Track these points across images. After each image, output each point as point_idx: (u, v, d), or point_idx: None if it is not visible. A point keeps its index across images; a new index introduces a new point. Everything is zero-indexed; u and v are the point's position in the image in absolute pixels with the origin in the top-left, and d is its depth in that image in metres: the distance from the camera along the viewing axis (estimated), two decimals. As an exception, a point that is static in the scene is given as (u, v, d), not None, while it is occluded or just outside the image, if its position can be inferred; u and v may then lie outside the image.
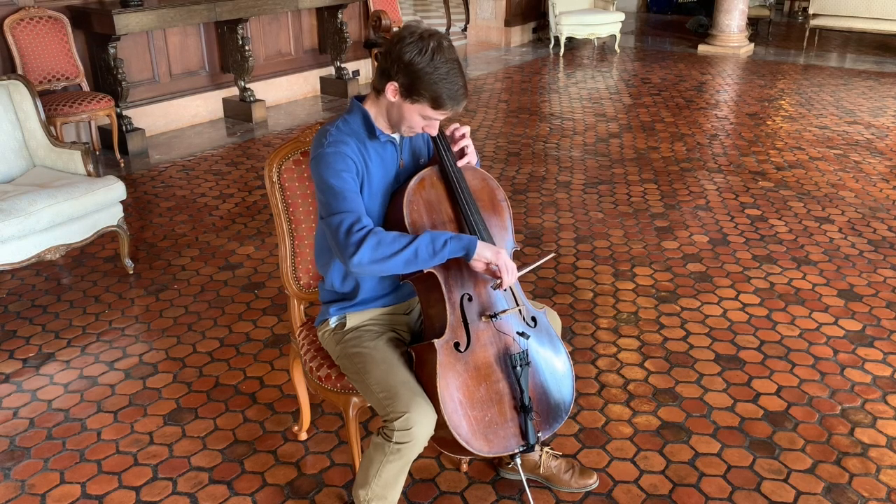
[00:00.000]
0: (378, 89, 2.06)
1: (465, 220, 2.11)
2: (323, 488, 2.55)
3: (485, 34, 10.44)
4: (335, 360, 2.28)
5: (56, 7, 5.61)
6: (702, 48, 9.86)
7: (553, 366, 2.21)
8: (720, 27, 9.83)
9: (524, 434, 2.09)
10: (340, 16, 7.41)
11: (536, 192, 5.10)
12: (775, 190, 5.12)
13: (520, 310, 2.18)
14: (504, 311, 2.13)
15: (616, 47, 9.86)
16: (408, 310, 2.32)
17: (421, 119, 2.03)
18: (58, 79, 5.54)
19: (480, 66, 9.10)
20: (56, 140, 4.09)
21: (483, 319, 2.10)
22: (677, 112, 7.03)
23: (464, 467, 2.61)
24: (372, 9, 7.78)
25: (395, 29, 2.08)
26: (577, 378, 3.07)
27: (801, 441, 2.76)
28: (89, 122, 5.83)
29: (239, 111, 6.83)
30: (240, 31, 6.50)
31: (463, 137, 2.21)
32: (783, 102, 7.42)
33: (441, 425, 2.02)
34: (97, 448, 2.74)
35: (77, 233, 3.75)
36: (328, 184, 2.02)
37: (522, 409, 2.08)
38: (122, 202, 3.94)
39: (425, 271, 2.05)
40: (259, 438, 2.79)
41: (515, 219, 4.60)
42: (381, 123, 2.12)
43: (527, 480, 2.32)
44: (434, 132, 2.10)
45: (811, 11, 10.12)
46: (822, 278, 3.94)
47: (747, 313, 3.61)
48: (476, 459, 2.61)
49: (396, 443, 2.00)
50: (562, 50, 9.70)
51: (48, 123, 4.38)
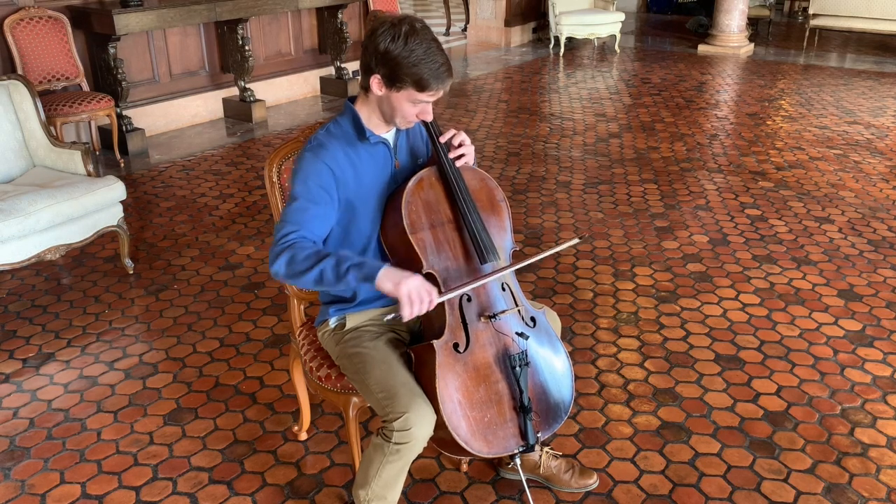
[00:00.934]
0: (365, 87, 2.06)
1: (464, 221, 2.11)
2: (323, 488, 2.55)
3: (485, 34, 10.44)
4: (335, 361, 2.29)
5: (56, 7, 5.61)
6: (702, 48, 9.85)
7: (552, 366, 2.21)
8: (720, 27, 9.82)
9: (524, 434, 2.09)
10: (340, 16, 7.41)
11: (536, 192, 5.10)
12: (775, 190, 5.13)
13: (519, 310, 2.18)
14: (503, 312, 2.12)
15: (616, 47, 9.86)
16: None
17: (411, 105, 2.02)
18: (58, 79, 5.54)
19: (480, 66, 9.09)
20: (56, 140, 4.09)
21: (482, 320, 2.10)
22: (677, 112, 7.03)
23: (464, 467, 2.61)
24: (372, 8, 7.78)
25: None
26: (577, 378, 3.07)
27: (801, 441, 2.77)
28: (89, 122, 5.83)
29: (239, 111, 6.83)
30: (240, 31, 6.50)
31: (462, 145, 2.20)
32: (783, 102, 7.42)
33: (440, 426, 2.02)
34: (97, 448, 2.74)
35: (77, 233, 3.75)
36: (293, 188, 2.06)
37: (522, 410, 2.08)
38: (122, 202, 3.94)
39: (423, 272, 2.04)
40: (259, 438, 2.79)
41: (515, 219, 4.61)
42: (375, 122, 2.12)
43: (527, 480, 2.32)
44: (429, 118, 2.09)
45: (811, 11, 10.12)
46: (822, 278, 3.94)
47: (747, 313, 3.61)
48: (476, 460, 2.61)
49: (396, 443, 2.00)
50: (562, 50, 9.70)
51: (48, 123, 4.38)
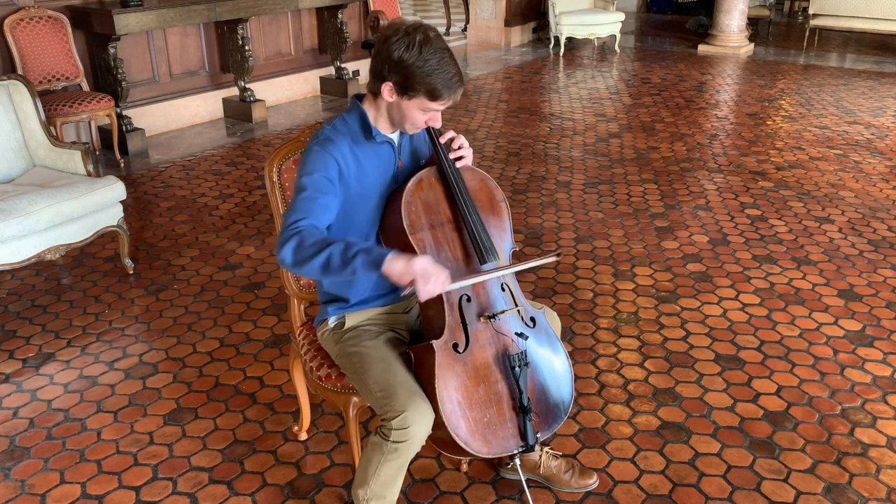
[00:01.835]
0: (374, 92, 2.06)
1: (464, 221, 2.11)
2: (323, 488, 2.55)
3: (485, 34, 10.43)
4: (334, 360, 2.29)
5: (56, 7, 5.61)
6: (702, 48, 9.85)
7: (552, 366, 2.21)
8: (720, 27, 9.82)
9: (523, 435, 2.09)
10: (340, 16, 7.41)
11: (536, 192, 5.10)
12: (775, 190, 5.12)
13: (518, 310, 2.18)
14: (503, 312, 2.12)
15: (616, 47, 9.86)
16: (406, 308, 2.32)
17: (421, 113, 2.03)
18: (58, 79, 5.54)
19: (480, 66, 9.09)
20: (56, 140, 4.09)
21: (482, 320, 2.10)
22: (677, 112, 7.03)
23: (464, 467, 2.61)
24: (372, 9, 7.78)
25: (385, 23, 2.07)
26: (577, 378, 3.07)
27: (801, 441, 2.76)
28: (89, 122, 5.83)
29: (239, 111, 6.83)
30: (240, 31, 6.50)
31: (461, 148, 2.20)
32: (783, 102, 7.42)
33: (440, 426, 2.02)
34: (97, 448, 2.74)
35: (77, 233, 3.75)
36: (299, 179, 2.05)
37: (521, 410, 2.08)
38: (122, 202, 3.94)
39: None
40: (259, 438, 2.79)
41: (515, 219, 4.61)
42: (382, 124, 2.12)
43: (526, 480, 2.32)
44: (438, 124, 2.10)
45: (811, 11, 10.11)
46: (822, 278, 3.94)
47: (747, 313, 3.61)
48: (476, 460, 2.61)
49: (394, 442, 2.01)
50: (562, 50, 9.69)
51: (48, 123, 4.38)
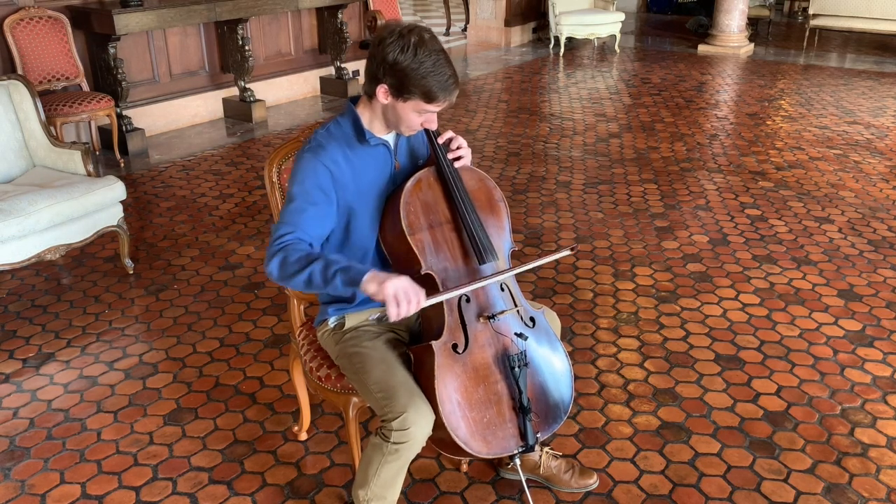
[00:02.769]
0: (369, 94, 2.05)
1: (462, 221, 2.11)
2: (323, 488, 2.55)
3: (485, 34, 10.43)
4: (334, 360, 2.29)
5: (56, 7, 5.61)
6: (702, 48, 9.85)
7: (552, 366, 2.21)
8: (720, 27, 9.82)
9: (523, 435, 2.09)
10: (340, 16, 7.41)
11: (536, 192, 5.10)
12: (775, 190, 5.12)
13: (518, 310, 2.18)
14: (502, 312, 2.12)
15: (616, 47, 9.86)
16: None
17: (417, 115, 2.03)
18: (58, 79, 5.54)
19: (480, 66, 9.09)
20: (56, 140, 4.09)
21: (481, 320, 2.10)
22: (677, 112, 7.03)
23: (464, 467, 2.61)
24: (371, 8, 7.78)
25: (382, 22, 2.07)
26: (577, 378, 3.07)
27: (801, 441, 2.76)
28: (89, 122, 5.83)
29: (239, 111, 6.83)
30: (240, 31, 6.50)
31: (459, 148, 2.20)
32: (783, 102, 7.42)
33: (439, 427, 2.02)
34: (97, 448, 2.74)
35: (77, 233, 3.75)
36: (290, 189, 2.06)
37: (521, 410, 2.08)
38: (122, 202, 3.94)
39: (422, 272, 2.04)
40: (259, 438, 2.79)
41: (515, 219, 4.61)
42: (377, 126, 2.12)
43: (526, 481, 2.32)
44: (434, 126, 2.10)
45: (811, 11, 10.11)
46: (822, 278, 3.94)
47: (747, 313, 3.61)
48: (475, 460, 2.61)
49: (394, 443, 2.00)
50: (562, 50, 9.69)
51: (48, 123, 4.38)
